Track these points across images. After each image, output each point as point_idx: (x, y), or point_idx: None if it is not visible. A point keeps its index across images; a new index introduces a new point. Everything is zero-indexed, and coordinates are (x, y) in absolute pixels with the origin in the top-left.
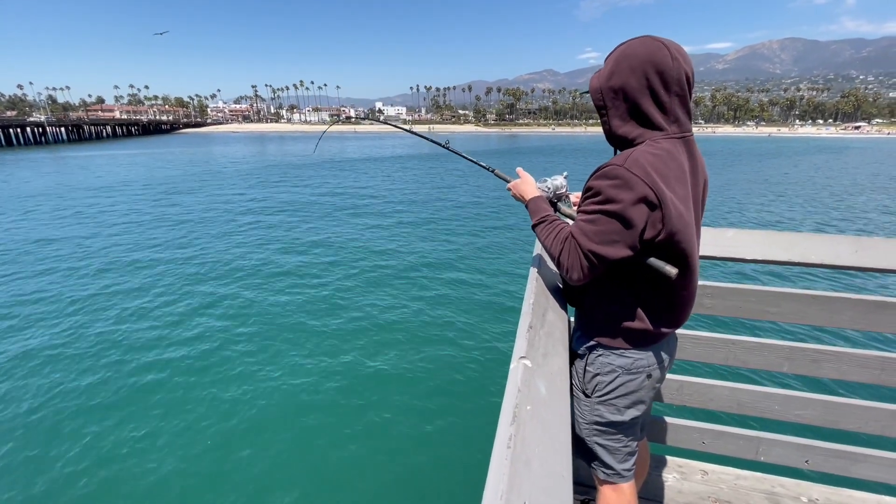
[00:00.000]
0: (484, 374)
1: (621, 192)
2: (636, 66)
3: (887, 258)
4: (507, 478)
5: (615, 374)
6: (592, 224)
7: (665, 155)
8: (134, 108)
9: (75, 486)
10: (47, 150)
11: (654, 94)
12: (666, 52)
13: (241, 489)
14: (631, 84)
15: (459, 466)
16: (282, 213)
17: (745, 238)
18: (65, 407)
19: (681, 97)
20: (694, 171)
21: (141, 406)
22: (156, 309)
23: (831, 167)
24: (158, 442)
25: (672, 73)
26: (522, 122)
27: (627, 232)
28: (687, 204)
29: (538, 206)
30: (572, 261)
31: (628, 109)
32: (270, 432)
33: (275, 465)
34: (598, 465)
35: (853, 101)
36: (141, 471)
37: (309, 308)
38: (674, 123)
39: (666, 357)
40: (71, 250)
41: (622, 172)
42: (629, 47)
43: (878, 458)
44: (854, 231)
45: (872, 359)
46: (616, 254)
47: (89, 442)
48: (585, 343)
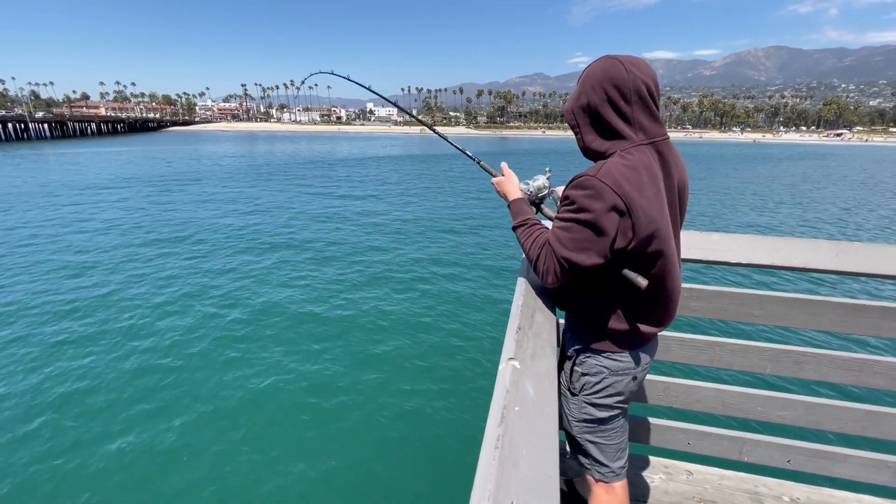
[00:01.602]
0: (472, 375)
1: (593, 202)
2: (595, 83)
3: (866, 262)
4: (495, 478)
5: (602, 374)
6: (566, 232)
7: (636, 163)
8: (120, 105)
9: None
10: (30, 146)
11: (615, 106)
12: (621, 68)
13: (234, 486)
14: (594, 100)
15: (447, 466)
16: (274, 212)
17: (730, 242)
18: (38, 412)
19: (642, 105)
20: (668, 174)
21: (138, 402)
22: (154, 303)
23: (817, 172)
24: (152, 439)
25: (628, 85)
26: (513, 125)
27: (599, 240)
28: (661, 208)
29: (520, 209)
30: (548, 266)
31: (596, 124)
32: (259, 430)
33: (266, 461)
34: (592, 465)
35: (835, 109)
36: (125, 467)
37: (298, 308)
38: (639, 131)
39: (649, 358)
40: (47, 246)
41: (594, 183)
42: (590, 68)
43: (857, 458)
44: (832, 234)
45: (852, 360)
46: (588, 261)
47: (61, 447)
48: (574, 345)
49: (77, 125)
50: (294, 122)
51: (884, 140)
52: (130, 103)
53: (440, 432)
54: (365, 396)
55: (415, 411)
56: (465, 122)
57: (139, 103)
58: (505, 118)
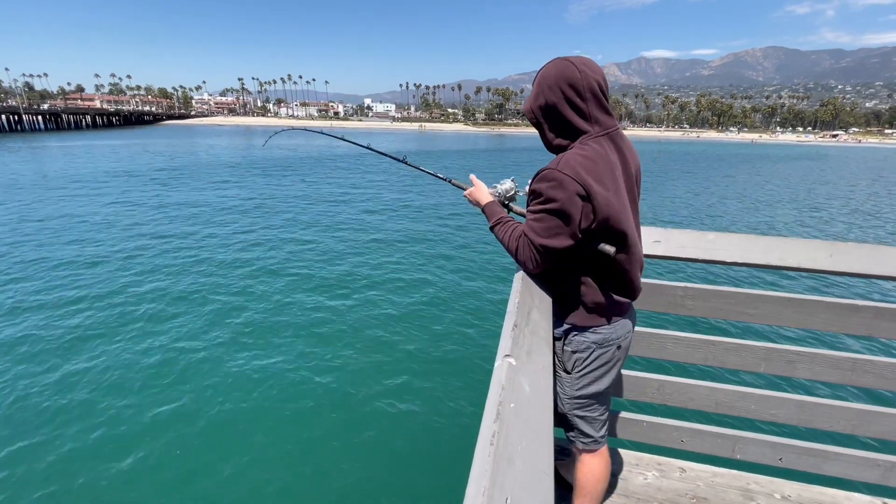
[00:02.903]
0: (468, 372)
1: (557, 192)
2: (552, 83)
3: (860, 263)
4: (490, 474)
5: (590, 349)
6: (539, 222)
7: (592, 153)
8: (116, 97)
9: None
10: (22, 138)
11: (571, 103)
12: (573, 68)
13: (229, 484)
14: (552, 99)
15: (443, 463)
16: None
17: (726, 241)
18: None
19: (596, 101)
20: (624, 161)
21: (134, 399)
22: (150, 295)
23: (816, 173)
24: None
25: (582, 83)
26: (511, 123)
27: (567, 225)
28: (617, 191)
29: (493, 210)
30: (526, 254)
31: (555, 121)
32: (253, 428)
33: (260, 458)
34: (578, 436)
35: (832, 110)
36: (118, 467)
37: (294, 306)
38: (595, 124)
39: (630, 326)
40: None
41: (556, 175)
42: (545, 70)
43: (848, 456)
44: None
45: (844, 360)
46: (561, 244)
47: (47, 448)
48: (561, 327)
49: (72, 117)
50: (292, 118)
51: (879, 141)
52: (126, 96)
53: (435, 429)
54: (360, 393)
55: (410, 408)
56: (463, 118)
57: (135, 96)
58: (503, 115)
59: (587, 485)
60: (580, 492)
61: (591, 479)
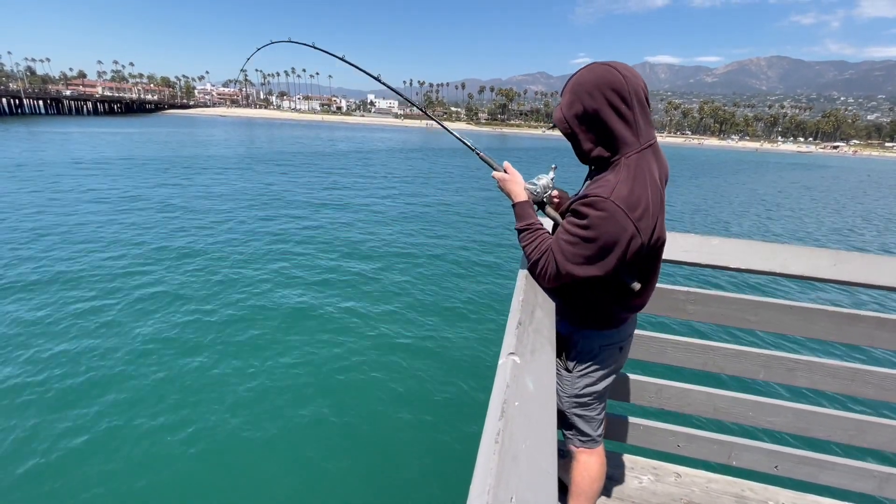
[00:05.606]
0: (472, 370)
1: (604, 224)
2: (591, 89)
3: (863, 273)
4: (495, 473)
5: (594, 350)
6: (572, 246)
7: (642, 175)
8: (118, 84)
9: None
10: (22, 122)
11: (616, 110)
12: (617, 73)
13: (228, 485)
14: (591, 106)
15: (447, 461)
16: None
17: (729, 246)
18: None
19: (641, 109)
20: (661, 174)
21: (133, 396)
22: (150, 294)
23: (817, 184)
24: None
25: (627, 89)
26: (514, 123)
27: (603, 260)
28: (661, 215)
29: (524, 212)
30: (547, 272)
31: (596, 129)
32: (252, 425)
33: (260, 456)
34: (575, 435)
35: (833, 122)
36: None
37: (299, 300)
38: (640, 135)
39: (633, 328)
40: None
41: (609, 206)
42: (581, 76)
43: (844, 466)
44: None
45: (843, 369)
46: (587, 273)
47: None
48: (567, 326)
49: (73, 103)
50: (294, 111)
51: (880, 154)
52: (128, 83)
53: (439, 426)
54: (363, 391)
55: (413, 405)
56: (466, 117)
57: (137, 84)
58: (506, 115)
59: (582, 483)
60: (575, 490)
61: (586, 479)
